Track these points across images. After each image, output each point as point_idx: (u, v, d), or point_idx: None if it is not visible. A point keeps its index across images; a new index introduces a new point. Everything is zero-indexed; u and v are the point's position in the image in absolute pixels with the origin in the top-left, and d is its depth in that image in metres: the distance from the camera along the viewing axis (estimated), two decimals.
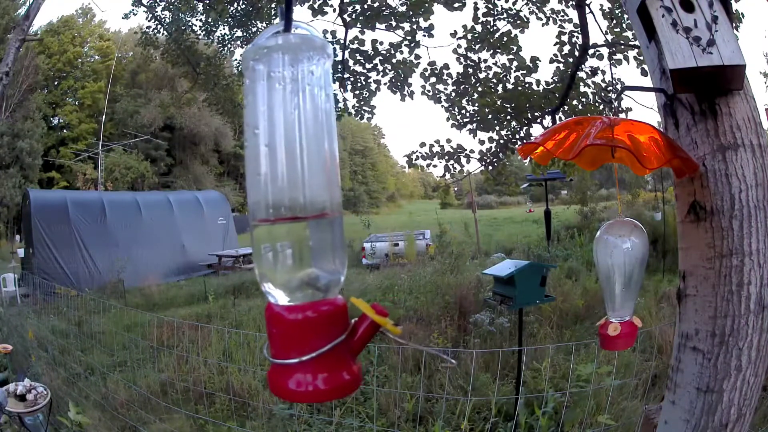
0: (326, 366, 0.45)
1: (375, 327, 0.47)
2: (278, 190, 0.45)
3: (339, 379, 0.45)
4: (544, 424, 2.68)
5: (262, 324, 5.32)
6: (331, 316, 0.46)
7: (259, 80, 0.46)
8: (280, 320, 0.46)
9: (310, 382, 0.45)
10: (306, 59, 0.46)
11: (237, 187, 32.80)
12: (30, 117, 22.27)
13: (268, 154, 0.45)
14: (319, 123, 0.46)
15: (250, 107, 0.46)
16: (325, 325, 0.46)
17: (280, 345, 0.46)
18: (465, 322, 4.69)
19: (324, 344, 0.45)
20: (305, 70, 0.46)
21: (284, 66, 0.45)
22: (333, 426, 2.94)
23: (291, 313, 0.45)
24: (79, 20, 29.68)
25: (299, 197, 0.45)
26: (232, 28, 6.28)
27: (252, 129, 0.46)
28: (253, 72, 0.46)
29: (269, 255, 0.46)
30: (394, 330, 0.46)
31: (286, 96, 0.45)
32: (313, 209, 0.45)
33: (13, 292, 8.02)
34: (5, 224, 19.82)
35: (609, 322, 1.02)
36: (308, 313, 0.45)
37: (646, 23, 0.92)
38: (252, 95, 0.46)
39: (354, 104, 5.11)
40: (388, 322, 0.46)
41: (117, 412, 3.26)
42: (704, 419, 0.87)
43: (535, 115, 4.43)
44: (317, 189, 0.46)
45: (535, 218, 17.98)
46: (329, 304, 0.46)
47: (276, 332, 0.46)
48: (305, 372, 0.45)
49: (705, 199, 0.88)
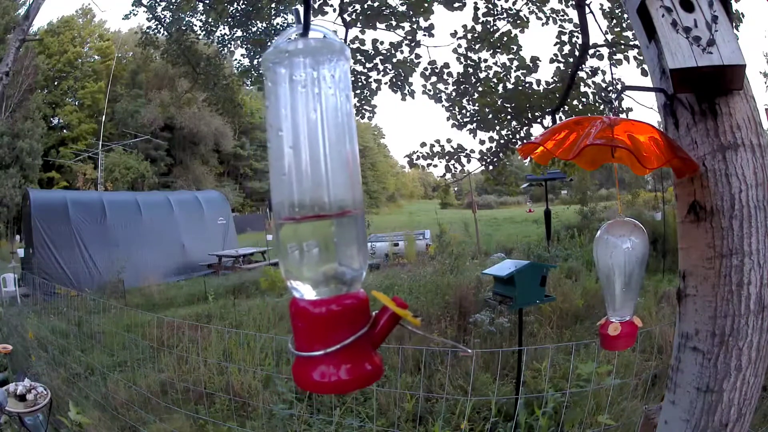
0: (349, 357, 0.47)
1: (395, 319, 0.48)
2: (303, 190, 0.46)
3: (361, 369, 0.47)
4: (544, 424, 2.68)
5: (262, 324, 5.32)
6: (354, 309, 0.48)
7: (281, 83, 0.47)
8: (305, 314, 0.47)
9: (334, 373, 0.46)
10: (326, 62, 0.47)
11: (237, 187, 32.84)
12: (30, 117, 22.26)
13: (293, 155, 0.46)
14: (340, 124, 0.47)
15: (272, 109, 0.47)
16: (348, 318, 0.47)
17: (305, 338, 0.48)
18: (465, 322, 4.69)
19: (347, 336, 0.46)
20: (326, 73, 0.47)
21: (305, 69, 0.47)
22: (333, 426, 2.93)
23: (316, 307, 0.47)
24: (79, 20, 29.69)
25: (323, 196, 0.46)
26: (232, 28, 6.28)
27: (275, 131, 0.47)
28: (274, 74, 0.47)
29: (296, 252, 0.48)
30: (415, 321, 0.48)
31: (308, 98, 0.46)
32: (337, 207, 0.47)
33: (13, 292, 8.02)
34: (5, 224, 19.82)
35: (609, 322, 1.02)
36: (333, 306, 0.47)
37: (646, 23, 0.92)
38: (274, 97, 0.47)
39: (355, 104, 5.11)
40: (408, 314, 0.48)
41: (117, 412, 3.26)
42: (704, 419, 0.87)
43: (535, 115, 4.43)
44: (340, 188, 0.47)
45: (535, 218, 17.97)
46: (352, 298, 0.48)
47: (301, 326, 0.48)
48: (329, 363, 0.47)
49: (705, 199, 0.88)
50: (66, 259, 9.48)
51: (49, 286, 7.25)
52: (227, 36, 6.49)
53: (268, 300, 6.25)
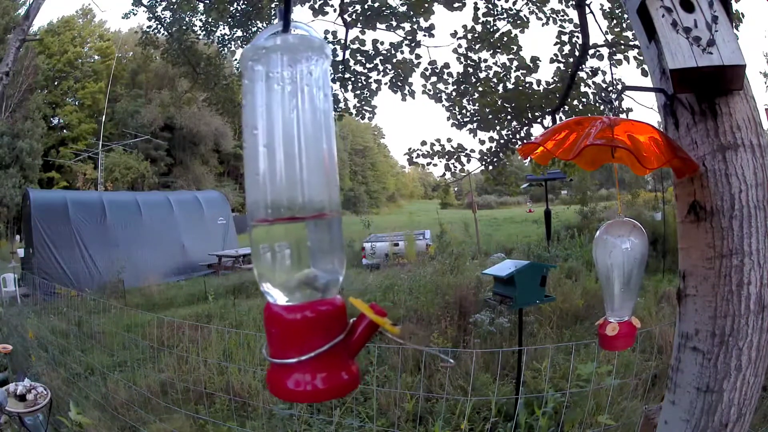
0: (325, 366, 0.45)
1: (373, 327, 0.47)
2: (277, 191, 0.45)
3: (337, 378, 0.45)
4: (544, 424, 2.68)
5: (261, 324, 5.26)
6: (329, 315, 0.46)
7: (258, 80, 0.46)
8: (278, 320, 0.46)
9: (308, 381, 0.45)
10: (304, 59, 0.46)
11: (237, 187, 32.80)
12: (30, 117, 22.27)
13: (267, 154, 0.45)
14: (317, 123, 0.46)
15: (248, 107, 0.46)
16: (323, 324, 0.46)
17: (279, 345, 0.46)
18: (465, 322, 4.69)
19: (323, 344, 0.45)
20: (304, 70, 0.46)
21: (283, 66, 0.45)
22: (333, 426, 2.93)
23: (290, 312, 0.45)
24: (79, 20, 29.69)
25: (298, 197, 0.45)
26: (232, 28, 6.28)
27: (251, 129, 0.46)
28: (251, 72, 0.46)
29: (268, 255, 0.46)
30: (393, 330, 0.46)
31: (284, 96, 0.45)
32: (312, 209, 0.45)
33: (13, 292, 8.02)
34: (5, 224, 19.83)
35: (607, 322, 1.02)
36: (307, 312, 0.45)
37: (646, 23, 0.92)
38: (251, 95, 0.46)
39: (355, 104, 5.11)
40: (386, 322, 0.46)
41: (117, 412, 3.26)
42: (704, 419, 0.87)
43: (535, 115, 4.43)
44: (316, 189, 0.46)
45: (535, 218, 17.95)
46: (328, 304, 0.46)
47: (275, 332, 0.46)
48: (304, 372, 0.45)
49: (705, 199, 0.88)
50: (66, 259, 9.49)
51: (49, 286, 7.25)
52: (227, 36, 6.48)
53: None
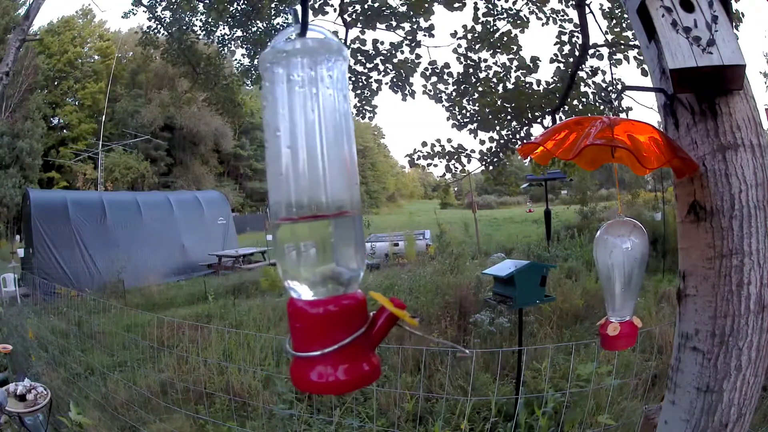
0: (347, 358, 0.47)
1: (393, 319, 0.48)
2: (301, 190, 0.46)
3: (359, 370, 0.47)
4: (544, 424, 2.67)
5: (262, 324, 5.32)
6: (351, 309, 0.48)
7: (278, 83, 0.47)
8: (302, 314, 0.47)
9: (331, 373, 0.46)
10: (324, 62, 0.47)
11: (237, 187, 32.83)
12: (30, 117, 22.28)
13: (290, 155, 0.46)
14: (337, 124, 0.47)
15: (269, 109, 0.47)
16: (346, 318, 0.47)
17: (302, 339, 0.48)
18: (465, 322, 4.69)
19: (345, 337, 0.46)
20: (323, 72, 0.47)
21: (303, 69, 0.47)
22: (333, 426, 2.93)
23: (313, 307, 0.47)
24: (79, 20, 29.70)
25: (321, 196, 0.46)
26: (232, 28, 6.28)
27: (273, 131, 0.47)
28: (271, 74, 0.47)
29: (293, 252, 0.48)
30: (412, 322, 0.48)
31: (305, 98, 0.46)
32: (335, 208, 0.47)
33: (13, 292, 8.02)
34: (5, 224, 19.83)
35: (609, 322, 1.02)
36: (330, 307, 0.47)
37: (646, 23, 0.92)
38: (271, 97, 0.47)
39: (355, 104, 5.12)
40: (405, 315, 0.47)
41: (117, 412, 3.26)
42: (704, 419, 0.87)
43: (535, 115, 4.44)
44: (338, 188, 0.47)
45: (535, 218, 17.96)
46: (350, 298, 0.48)
47: (299, 326, 0.48)
48: (327, 364, 0.47)
49: (705, 199, 0.88)
50: (66, 259, 9.48)
51: (49, 286, 7.24)
52: (227, 36, 6.48)
53: (268, 300, 6.25)
